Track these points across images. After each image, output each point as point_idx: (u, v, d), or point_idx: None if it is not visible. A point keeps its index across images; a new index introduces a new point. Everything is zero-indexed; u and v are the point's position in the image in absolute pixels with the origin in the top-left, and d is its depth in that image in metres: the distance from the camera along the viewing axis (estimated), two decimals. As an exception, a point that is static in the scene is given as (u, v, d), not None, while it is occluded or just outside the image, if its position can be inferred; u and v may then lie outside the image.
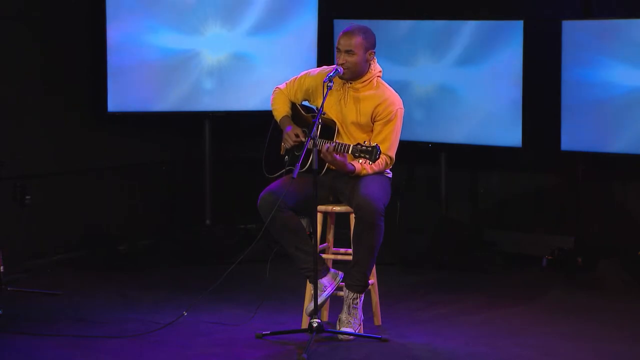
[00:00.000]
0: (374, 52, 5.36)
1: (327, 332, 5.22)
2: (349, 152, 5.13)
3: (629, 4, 6.80)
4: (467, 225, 7.37)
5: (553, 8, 7.07)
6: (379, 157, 5.07)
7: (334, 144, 5.21)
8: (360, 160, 5.14)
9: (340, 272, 5.38)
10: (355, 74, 5.33)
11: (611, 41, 6.63)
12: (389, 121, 5.32)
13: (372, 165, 5.24)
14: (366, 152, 5.06)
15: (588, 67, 6.71)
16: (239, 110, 7.41)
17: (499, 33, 6.94)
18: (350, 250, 5.37)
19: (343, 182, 5.37)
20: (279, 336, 5.28)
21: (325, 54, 7.30)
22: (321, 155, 5.16)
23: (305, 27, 7.38)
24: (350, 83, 5.37)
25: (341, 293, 5.35)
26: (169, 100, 7.31)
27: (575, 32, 6.76)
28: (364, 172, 5.29)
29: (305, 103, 5.56)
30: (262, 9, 7.34)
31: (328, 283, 5.31)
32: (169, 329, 5.36)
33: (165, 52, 7.25)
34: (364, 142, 5.13)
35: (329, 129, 5.34)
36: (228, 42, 7.34)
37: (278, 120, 5.49)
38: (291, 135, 5.36)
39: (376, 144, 5.07)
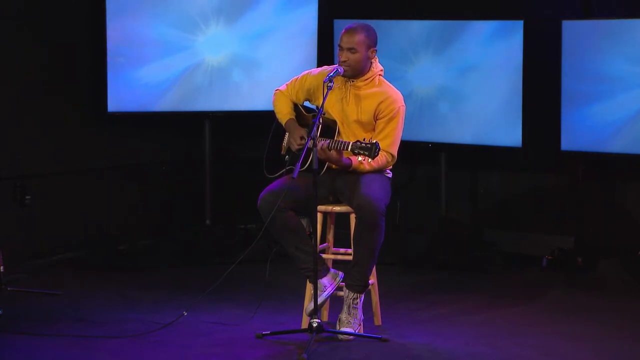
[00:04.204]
0: (376, 50, 5.37)
1: (327, 332, 5.22)
2: (349, 149, 5.13)
3: (629, 4, 6.80)
4: (467, 225, 7.37)
5: (553, 8, 7.07)
6: (378, 154, 5.07)
7: (328, 141, 5.21)
8: (360, 158, 5.13)
9: (340, 272, 5.38)
10: (356, 71, 5.33)
11: (611, 41, 6.63)
12: (391, 119, 5.32)
13: (372, 162, 5.24)
14: (365, 149, 5.06)
15: (588, 67, 6.71)
16: (239, 110, 7.41)
17: (499, 33, 6.94)
18: (350, 250, 5.37)
19: (343, 182, 5.37)
20: (279, 336, 5.28)
21: (325, 54, 7.30)
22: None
23: (305, 27, 7.38)
24: (352, 81, 5.37)
25: (341, 293, 5.35)
26: (169, 100, 7.31)
27: (575, 32, 6.76)
28: (362, 166, 5.28)
29: (306, 103, 5.56)
30: (262, 9, 7.34)
31: (328, 283, 5.31)
32: (169, 329, 5.36)
33: (165, 52, 7.25)
34: (364, 139, 5.13)
35: (329, 129, 5.35)
36: (228, 42, 7.34)
37: (284, 124, 5.47)
38: (296, 139, 5.35)
39: (375, 141, 5.07)
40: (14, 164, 6.72)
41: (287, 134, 5.45)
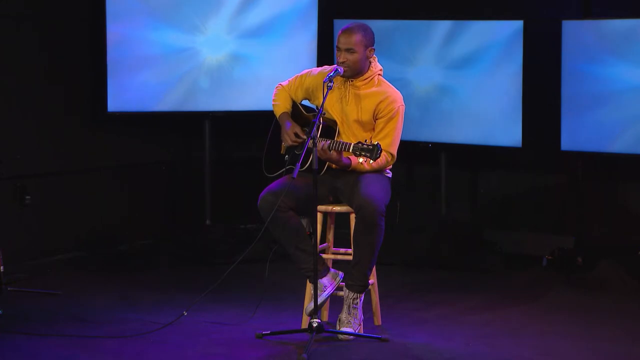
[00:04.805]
0: (374, 50, 5.37)
1: (327, 332, 5.22)
2: (350, 150, 5.13)
3: (628, 4, 6.80)
4: (467, 225, 7.37)
5: (553, 8, 7.08)
6: (379, 156, 5.07)
7: (330, 142, 5.21)
8: (361, 159, 5.13)
9: (340, 272, 5.38)
10: (356, 71, 5.33)
11: (611, 41, 6.63)
12: (390, 118, 5.32)
13: (372, 163, 5.24)
14: (367, 150, 5.06)
15: (588, 67, 6.71)
16: (239, 110, 7.41)
17: (499, 33, 6.94)
18: (350, 250, 5.37)
19: (343, 182, 5.37)
20: (279, 336, 5.28)
21: (325, 54, 7.30)
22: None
23: (305, 27, 7.39)
24: (352, 81, 5.37)
25: (341, 293, 5.35)
26: (169, 100, 7.31)
27: (575, 32, 6.76)
28: (361, 166, 5.28)
29: (306, 102, 5.56)
30: (262, 9, 7.34)
31: (328, 283, 5.31)
32: (169, 329, 5.36)
33: (165, 52, 7.25)
34: (365, 140, 5.13)
35: (329, 129, 5.35)
36: (228, 42, 7.34)
37: (277, 117, 5.49)
38: (290, 134, 5.36)
39: (377, 143, 5.07)
40: (14, 164, 6.72)
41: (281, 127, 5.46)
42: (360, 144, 5.09)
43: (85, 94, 7.27)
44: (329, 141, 5.24)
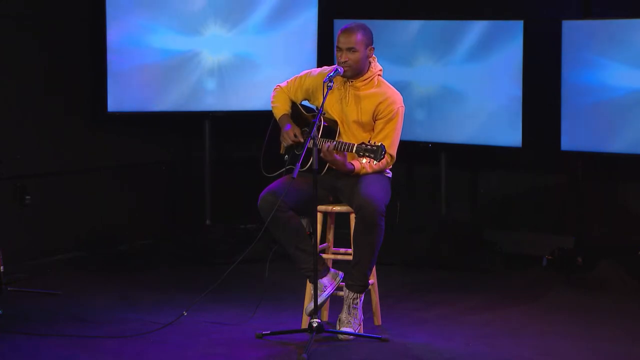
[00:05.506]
0: (374, 48, 5.37)
1: (327, 332, 5.22)
2: (353, 151, 5.12)
3: (628, 4, 6.80)
4: (467, 225, 7.37)
5: (553, 8, 7.08)
6: (383, 157, 5.07)
7: (335, 143, 5.21)
8: (364, 160, 5.13)
9: (340, 272, 5.38)
10: (357, 70, 5.33)
11: (611, 41, 6.63)
12: (390, 119, 5.32)
13: (373, 165, 5.24)
14: (371, 151, 5.06)
15: (588, 67, 6.71)
16: (239, 110, 7.42)
17: (499, 33, 6.94)
18: (350, 250, 5.37)
19: (343, 182, 5.37)
20: (279, 336, 5.28)
21: (325, 54, 7.30)
22: (321, 154, 5.16)
23: (305, 27, 7.39)
24: (351, 82, 5.37)
25: (341, 293, 5.35)
26: (169, 100, 7.31)
27: (575, 32, 6.76)
28: (364, 171, 5.29)
29: (306, 103, 5.56)
30: (262, 9, 7.35)
31: (328, 283, 5.31)
32: (169, 329, 5.36)
33: (165, 52, 7.25)
34: (369, 141, 5.13)
35: (330, 129, 5.35)
36: (228, 42, 7.34)
37: (277, 118, 5.49)
38: (290, 135, 5.36)
39: (381, 143, 5.07)
40: (14, 164, 6.72)
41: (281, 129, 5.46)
42: (364, 145, 5.09)
43: (85, 94, 7.27)
44: (334, 142, 5.22)
